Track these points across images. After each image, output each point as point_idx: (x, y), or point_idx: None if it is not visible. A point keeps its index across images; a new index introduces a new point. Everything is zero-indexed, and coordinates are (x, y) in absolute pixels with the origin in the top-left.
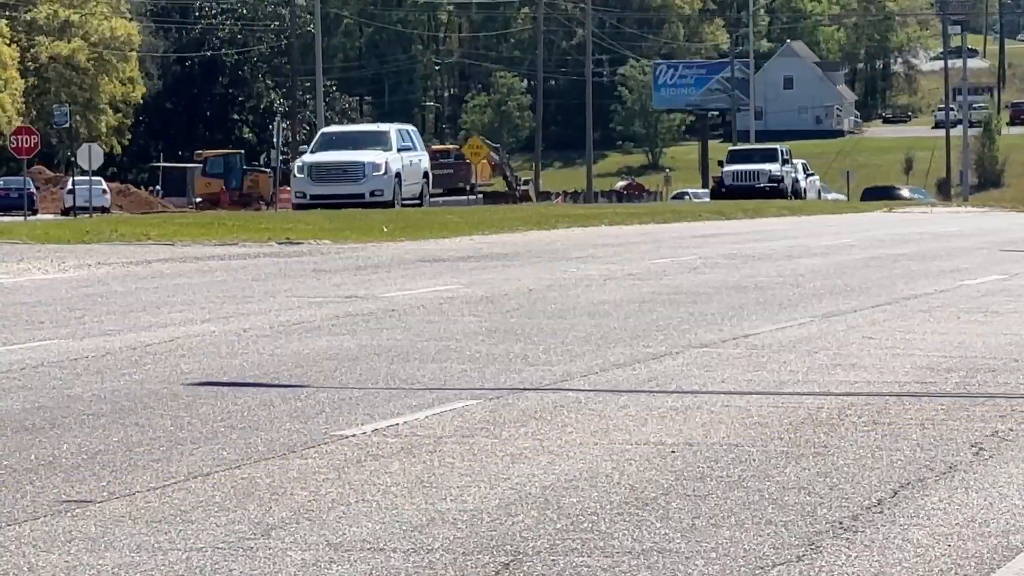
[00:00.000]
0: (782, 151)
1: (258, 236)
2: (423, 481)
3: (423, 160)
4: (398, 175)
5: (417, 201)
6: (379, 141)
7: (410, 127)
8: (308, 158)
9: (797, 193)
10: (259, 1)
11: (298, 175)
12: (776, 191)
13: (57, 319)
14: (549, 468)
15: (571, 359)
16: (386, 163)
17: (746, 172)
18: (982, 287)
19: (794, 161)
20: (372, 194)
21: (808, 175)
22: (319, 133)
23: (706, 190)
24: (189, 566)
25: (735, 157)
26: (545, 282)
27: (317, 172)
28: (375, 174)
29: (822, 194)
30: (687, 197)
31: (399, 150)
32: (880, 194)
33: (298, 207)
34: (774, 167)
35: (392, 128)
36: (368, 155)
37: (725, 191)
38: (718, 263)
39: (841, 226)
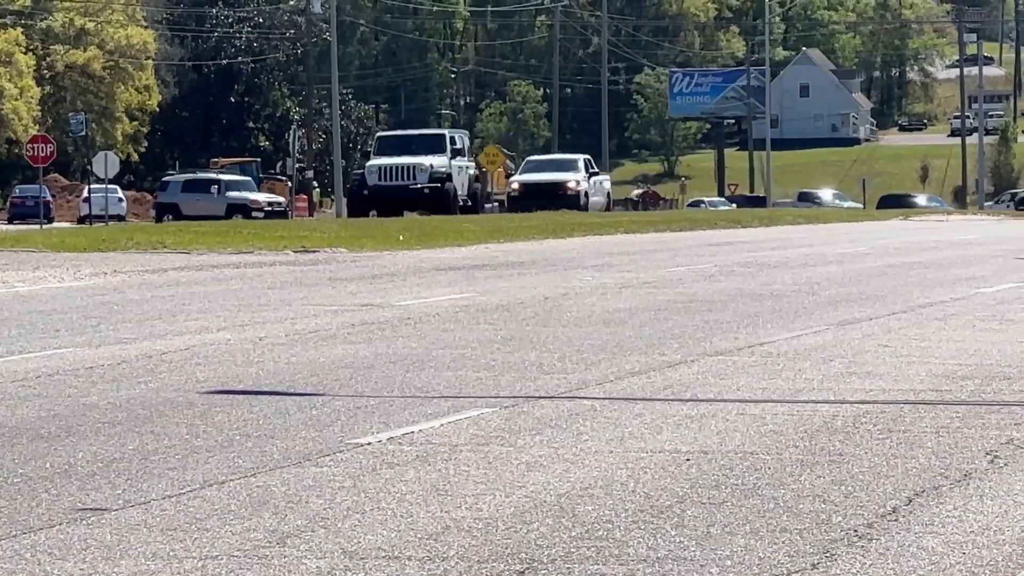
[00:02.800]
0: (452, 138)
1: (274, 244)
2: (438, 489)
3: None
4: None
5: None
6: None
7: None
8: None
9: (475, 199)
10: (275, 9)
11: None
12: (439, 195)
13: (73, 327)
14: (564, 476)
15: (586, 367)
16: None
17: (398, 168)
18: (997, 295)
19: (582, 163)
20: None
21: (591, 174)
22: None
23: (723, 198)
24: (204, 574)
25: (386, 146)
26: (560, 290)
27: None
28: None
29: (611, 203)
30: (703, 205)
31: None
32: (896, 202)
33: None
34: (437, 160)
35: None
36: None
37: (368, 195)
38: (733, 271)
39: (856, 234)
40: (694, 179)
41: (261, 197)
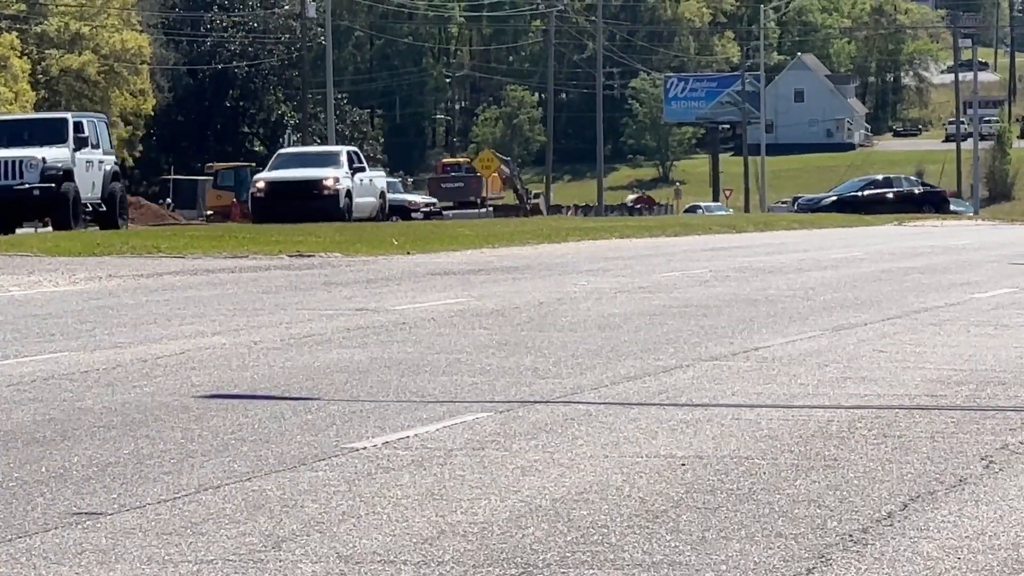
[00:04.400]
0: (78, 124)
1: (269, 249)
2: (434, 493)
3: None
4: None
5: None
6: None
7: None
8: None
9: (113, 204)
10: (270, 14)
11: None
12: (54, 198)
13: (68, 331)
14: (559, 481)
15: (581, 372)
16: None
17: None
18: (992, 300)
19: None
20: None
21: (357, 170)
22: None
23: (719, 203)
24: None
25: None
26: (555, 295)
27: None
28: None
29: (387, 207)
30: (700, 211)
31: None
32: None
33: None
34: (54, 153)
35: None
36: None
37: None
38: (728, 276)
39: (851, 239)
40: (689, 184)
41: (418, 198)
